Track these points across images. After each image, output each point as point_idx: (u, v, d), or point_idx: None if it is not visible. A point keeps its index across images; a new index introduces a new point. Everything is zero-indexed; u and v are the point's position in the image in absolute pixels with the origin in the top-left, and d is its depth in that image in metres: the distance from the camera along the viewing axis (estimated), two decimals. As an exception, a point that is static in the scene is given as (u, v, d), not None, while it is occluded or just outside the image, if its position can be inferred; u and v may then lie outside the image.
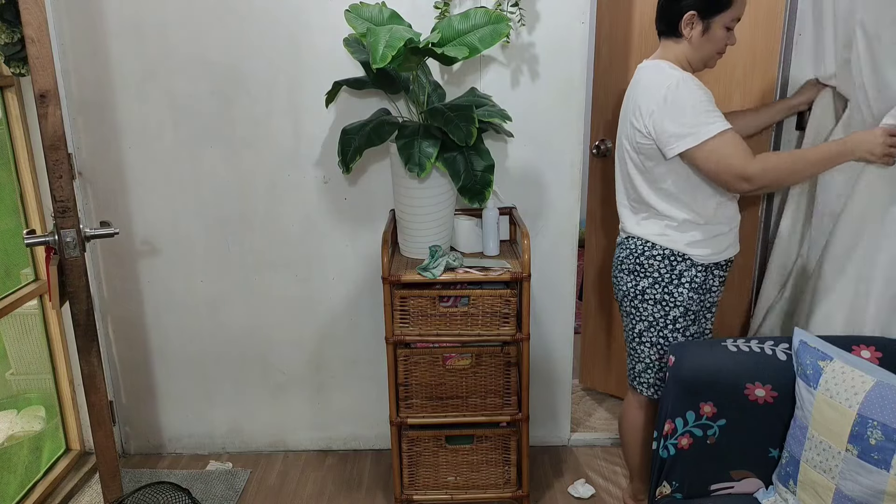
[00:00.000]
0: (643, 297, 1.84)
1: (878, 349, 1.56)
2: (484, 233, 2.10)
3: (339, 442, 2.59)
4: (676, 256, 1.78)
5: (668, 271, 1.79)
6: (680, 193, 1.75)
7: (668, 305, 1.81)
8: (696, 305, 1.81)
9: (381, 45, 1.66)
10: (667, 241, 1.78)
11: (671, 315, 1.81)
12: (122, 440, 2.57)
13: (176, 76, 2.22)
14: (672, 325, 1.82)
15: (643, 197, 1.79)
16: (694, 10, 1.67)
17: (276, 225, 2.35)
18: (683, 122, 1.64)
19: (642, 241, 1.82)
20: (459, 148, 1.90)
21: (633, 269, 1.84)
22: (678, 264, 1.78)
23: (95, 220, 2.34)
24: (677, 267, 1.78)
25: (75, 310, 1.77)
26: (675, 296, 1.80)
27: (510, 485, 2.14)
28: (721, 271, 1.84)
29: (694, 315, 1.82)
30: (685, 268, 1.78)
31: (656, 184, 1.76)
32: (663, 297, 1.81)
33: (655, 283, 1.81)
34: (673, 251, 1.78)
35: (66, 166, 1.68)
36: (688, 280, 1.78)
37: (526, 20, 2.14)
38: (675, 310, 1.81)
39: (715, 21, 1.68)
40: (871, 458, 1.35)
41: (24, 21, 1.58)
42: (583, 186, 2.43)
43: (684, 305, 1.80)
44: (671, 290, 1.80)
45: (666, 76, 1.68)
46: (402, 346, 2.02)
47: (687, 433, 1.62)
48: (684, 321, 1.82)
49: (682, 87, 1.65)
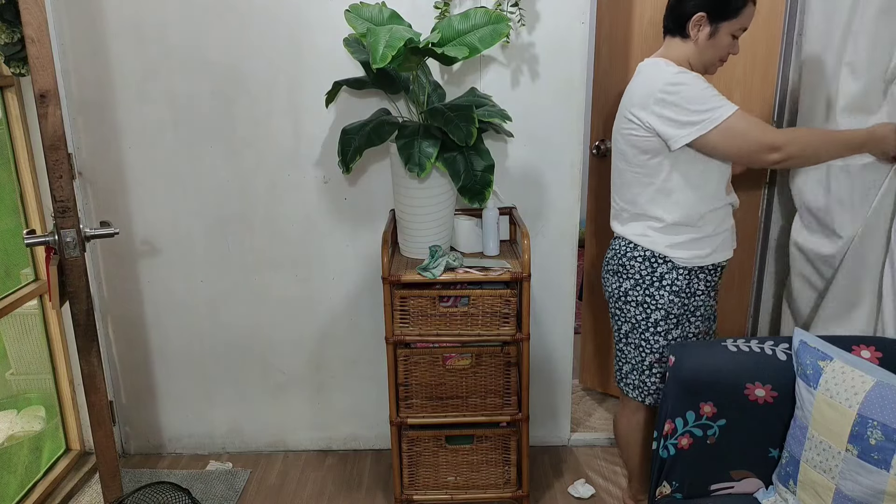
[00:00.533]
0: (626, 298, 1.83)
1: (878, 349, 1.56)
2: (484, 233, 2.10)
3: (339, 442, 2.59)
4: (658, 258, 1.77)
5: (649, 273, 1.78)
6: (673, 190, 1.73)
7: (650, 308, 1.80)
8: (677, 309, 1.79)
9: (381, 45, 1.66)
10: (648, 243, 1.77)
11: (652, 318, 1.80)
12: (122, 440, 2.57)
13: (176, 76, 2.22)
14: (654, 328, 1.81)
15: (632, 195, 1.79)
16: (704, 11, 1.67)
17: (276, 225, 2.35)
18: (692, 109, 1.63)
19: (626, 242, 1.82)
20: (459, 148, 1.90)
21: (616, 270, 1.84)
22: (659, 266, 1.77)
23: (95, 220, 2.34)
24: (658, 269, 1.77)
25: (75, 310, 1.77)
26: (655, 298, 1.79)
27: (510, 485, 2.14)
28: (708, 276, 1.80)
29: (676, 318, 1.80)
30: (666, 270, 1.76)
31: (648, 179, 1.74)
32: (644, 298, 1.80)
33: (637, 284, 1.80)
34: (654, 253, 1.77)
35: (66, 166, 1.68)
36: (669, 283, 1.77)
37: (526, 20, 2.14)
38: (657, 312, 1.80)
39: (723, 26, 1.67)
40: (871, 458, 1.35)
41: (24, 21, 1.58)
42: (583, 186, 2.44)
43: (665, 308, 1.79)
44: (652, 293, 1.78)
45: (662, 72, 1.69)
46: (402, 346, 2.02)
47: (687, 433, 1.62)
48: (666, 324, 1.80)
49: (679, 78, 1.65)
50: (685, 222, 1.74)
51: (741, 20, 1.68)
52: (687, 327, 1.83)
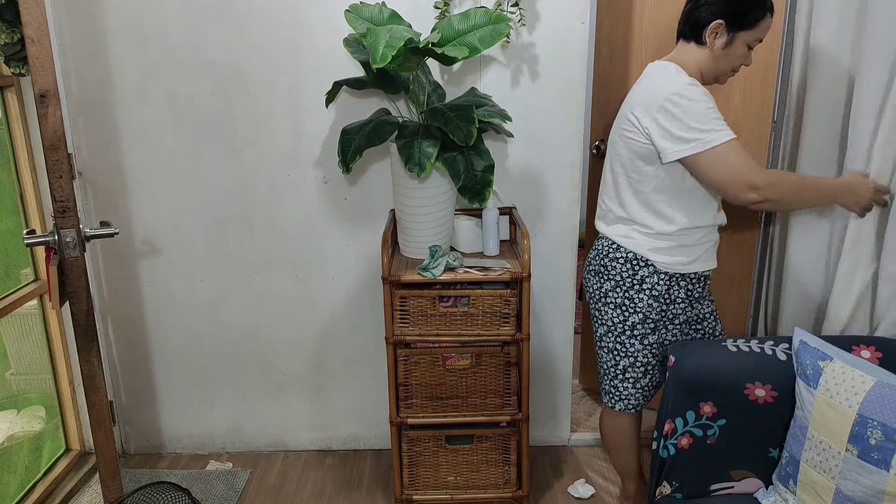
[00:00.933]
0: (605, 299, 1.81)
1: (878, 349, 1.56)
2: (484, 233, 2.10)
3: (339, 442, 2.59)
4: (640, 261, 1.75)
5: (630, 276, 1.76)
6: (663, 201, 1.70)
7: (628, 311, 1.78)
8: (655, 314, 1.77)
9: (381, 45, 1.66)
10: (631, 245, 1.75)
11: (630, 321, 1.79)
12: (122, 440, 2.57)
13: (176, 76, 2.22)
14: (630, 332, 1.79)
15: (621, 197, 1.77)
16: (723, 19, 1.64)
17: (276, 225, 2.35)
18: (690, 127, 1.60)
19: (609, 242, 1.80)
20: (459, 148, 1.90)
21: (598, 271, 1.83)
22: (641, 269, 1.75)
23: (95, 220, 2.34)
24: (640, 272, 1.75)
25: (75, 310, 1.77)
26: (635, 301, 1.77)
27: (510, 485, 2.14)
28: (689, 284, 1.78)
29: (654, 323, 1.78)
30: (647, 274, 1.74)
31: (639, 185, 1.72)
32: (623, 301, 1.78)
33: (617, 286, 1.78)
34: (636, 255, 1.75)
35: (66, 166, 1.68)
36: (649, 287, 1.75)
37: (526, 20, 2.14)
38: (634, 316, 1.78)
39: (739, 36, 1.65)
40: (871, 458, 1.35)
41: (24, 21, 1.58)
42: (583, 186, 2.44)
43: (643, 312, 1.77)
44: (631, 296, 1.77)
45: (671, 79, 1.65)
46: (402, 346, 2.02)
47: (687, 433, 1.62)
48: (643, 328, 1.78)
49: (688, 91, 1.61)
50: (671, 232, 1.72)
51: (758, 31, 1.66)
52: (664, 334, 1.81)
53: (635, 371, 1.83)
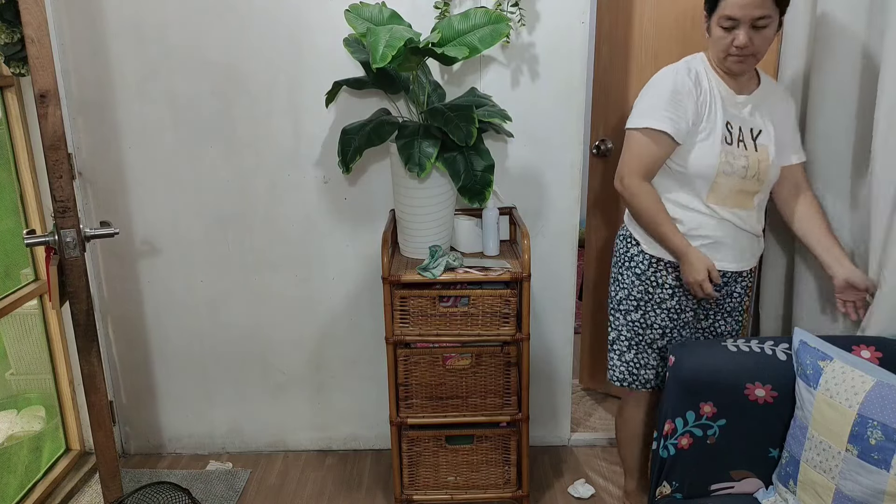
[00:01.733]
0: (611, 275, 1.95)
1: (878, 349, 1.56)
2: (484, 233, 2.10)
3: (339, 442, 2.59)
4: (630, 239, 1.86)
5: (623, 252, 1.88)
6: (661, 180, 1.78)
7: (619, 286, 1.90)
8: (637, 292, 1.85)
9: (381, 45, 1.67)
10: (628, 222, 1.87)
11: (618, 295, 1.90)
12: (122, 440, 2.57)
13: (176, 76, 2.22)
14: (617, 306, 1.91)
15: None
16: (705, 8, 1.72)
17: (276, 225, 2.35)
18: (638, 104, 1.74)
19: (623, 223, 1.92)
20: (459, 148, 1.90)
21: (613, 250, 1.95)
22: (631, 247, 1.86)
23: (95, 220, 2.34)
24: (630, 250, 1.86)
25: (75, 310, 1.77)
26: (623, 277, 1.88)
27: (510, 485, 2.14)
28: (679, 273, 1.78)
29: (636, 302, 1.85)
30: (635, 252, 1.84)
31: None
32: (617, 276, 1.91)
33: (616, 262, 1.91)
34: (630, 234, 1.86)
35: (66, 166, 1.68)
36: (634, 265, 1.85)
37: (526, 20, 2.14)
38: (622, 291, 1.89)
39: (712, 19, 1.68)
40: (871, 458, 1.35)
41: (24, 21, 1.58)
42: (583, 186, 2.44)
43: (627, 289, 1.87)
44: (622, 271, 1.88)
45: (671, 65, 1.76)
46: (402, 346, 2.02)
47: (687, 433, 1.62)
48: (626, 304, 1.88)
49: (657, 76, 1.73)
50: None
51: (721, 9, 1.63)
52: (651, 317, 1.85)
53: (620, 344, 1.92)
